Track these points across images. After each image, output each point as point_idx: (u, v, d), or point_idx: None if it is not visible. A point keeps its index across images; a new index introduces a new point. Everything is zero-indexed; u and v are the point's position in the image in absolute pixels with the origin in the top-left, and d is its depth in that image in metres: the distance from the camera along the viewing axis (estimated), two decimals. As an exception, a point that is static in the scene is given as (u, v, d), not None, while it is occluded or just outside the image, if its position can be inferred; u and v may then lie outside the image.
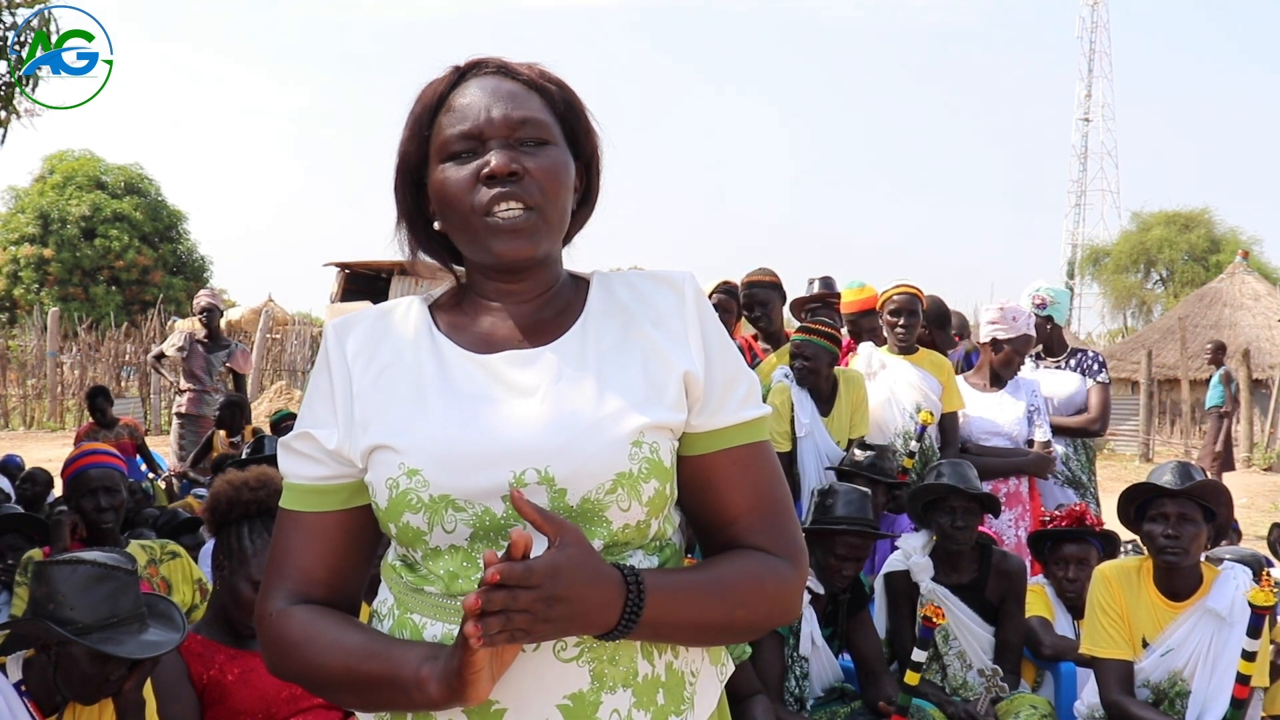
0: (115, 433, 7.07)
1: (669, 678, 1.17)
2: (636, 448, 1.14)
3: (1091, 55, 51.88)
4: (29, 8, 5.35)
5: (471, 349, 1.22)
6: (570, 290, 1.28)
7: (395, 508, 1.15)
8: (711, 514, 1.22)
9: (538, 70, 1.25)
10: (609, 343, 1.21)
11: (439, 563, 1.16)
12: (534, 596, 0.99)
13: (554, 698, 1.11)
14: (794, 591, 1.21)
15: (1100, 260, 37.63)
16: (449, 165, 1.20)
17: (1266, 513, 9.17)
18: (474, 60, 1.25)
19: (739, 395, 1.22)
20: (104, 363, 18.09)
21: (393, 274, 12.29)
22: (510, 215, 1.16)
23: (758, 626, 1.21)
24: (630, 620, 1.07)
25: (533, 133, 1.19)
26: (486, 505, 1.13)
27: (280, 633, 1.19)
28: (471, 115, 1.19)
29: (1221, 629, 2.90)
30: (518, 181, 1.17)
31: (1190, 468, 3.04)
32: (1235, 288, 18.77)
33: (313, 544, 1.23)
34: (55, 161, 26.67)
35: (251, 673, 2.47)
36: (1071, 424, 4.80)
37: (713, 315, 1.26)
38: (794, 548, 1.22)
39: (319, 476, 1.23)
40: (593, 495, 1.13)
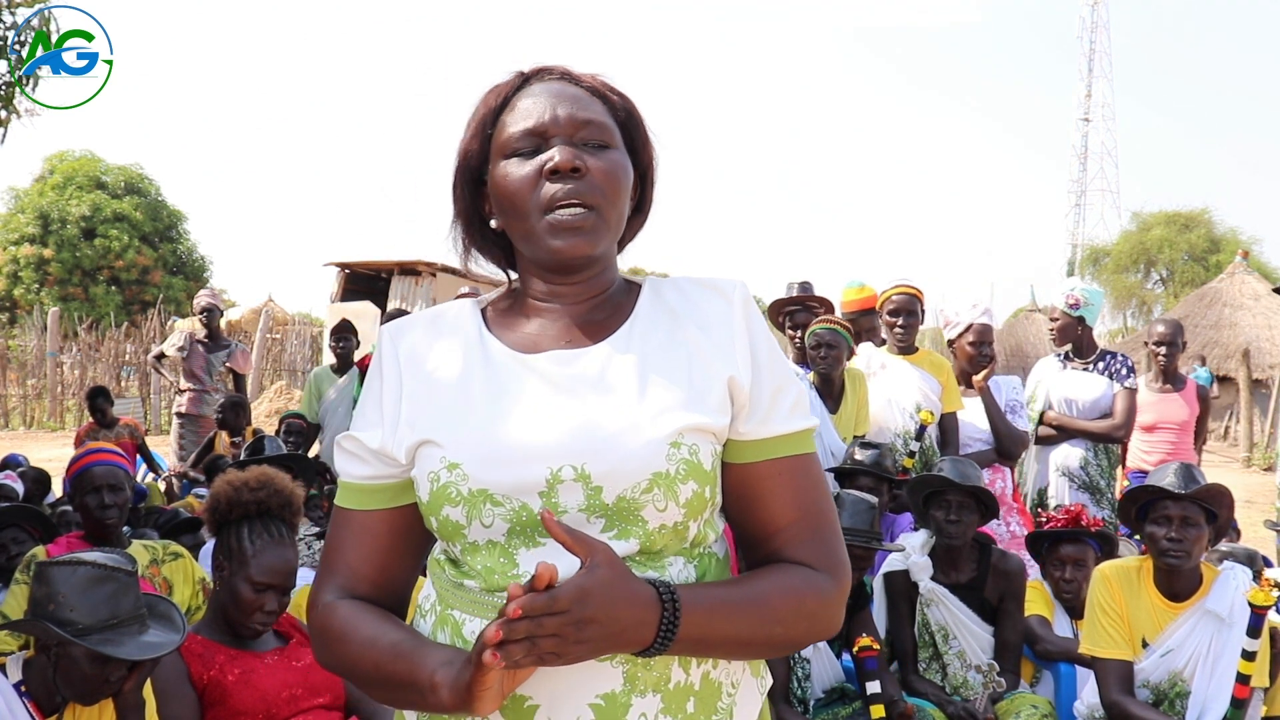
0: (115, 433, 7.06)
1: (703, 687, 1.17)
2: (675, 449, 1.14)
3: (1091, 55, 51.94)
4: (29, 8, 5.35)
5: (519, 349, 1.24)
6: (622, 295, 1.30)
7: (436, 501, 1.17)
8: (755, 524, 1.22)
9: (600, 80, 1.27)
10: (654, 344, 1.22)
11: (477, 558, 1.17)
12: (561, 621, 1.00)
13: (586, 696, 1.12)
14: (834, 607, 1.21)
15: (1100, 260, 37.61)
16: (511, 161, 1.21)
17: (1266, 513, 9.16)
18: (539, 67, 1.27)
19: (787, 405, 1.22)
20: (104, 363, 18.08)
21: (393, 274, 12.28)
22: (570, 214, 1.18)
23: (797, 642, 1.21)
24: (666, 638, 1.08)
25: (595, 135, 1.21)
26: (524, 501, 1.14)
27: (325, 626, 1.22)
28: (535, 114, 1.21)
29: (1221, 629, 2.90)
30: (579, 178, 1.18)
31: (1193, 470, 3.05)
32: (1235, 288, 18.75)
33: (361, 541, 1.25)
34: (55, 161, 26.65)
35: (251, 673, 2.47)
36: (1095, 428, 4.79)
37: (762, 324, 1.25)
38: (836, 562, 1.21)
39: (365, 475, 1.25)
40: (629, 494, 1.13)
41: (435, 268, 12.10)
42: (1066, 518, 3.66)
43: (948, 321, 4.57)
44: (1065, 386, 4.90)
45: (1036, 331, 20.38)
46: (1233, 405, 16.53)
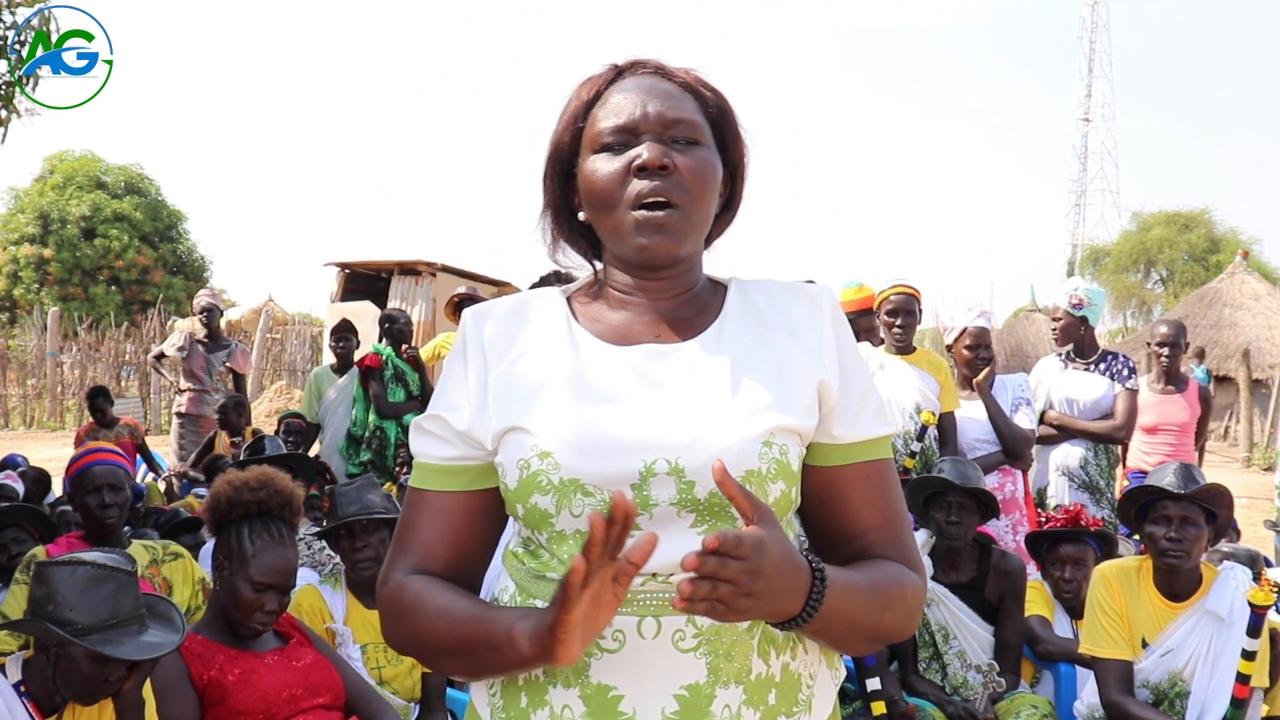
0: (115, 433, 7.07)
1: (783, 679, 1.18)
2: (767, 447, 1.15)
3: (1091, 55, 51.95)
4: (29, 7, 5.35)
5: (608, 340, 1.24)
6: (708, 293, 1.30)
7: (525, 488, 1.17)
8: (839, 525, 1.24)
9: (694, 75, 1.27)
10: (744, 345, 1.22)
11: (564, 547, 1.17)
12: (741, 568, 0.98)
13: (671, 687, 1.12)
14: (921, 603, 1.24)
15: (1100, 260, 37.60)
16: (601, 156, 1.21)
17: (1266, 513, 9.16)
18: (633, 60, 1.27)
19: (872, 410, 1.24)
20: (104, 363, 18.08)
21: (393, 274, 12.26)
22: (657, 213, 1.18)
23: (894, 633, 1.21)
24: (811, 610, 1.07)
25: (685, 132, 1.21)
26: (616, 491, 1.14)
27: (395, 601, 1.22)
28: (627, 110, 1.21)
29: (1221, 629, 2.90)
30: (667, 176, 1.18)
31: (1193, 470, 3.05)
32: (1235, 288, 18.74)
33: (437, 522, 1.25)
34: (55, 161, 26.63)
35: (251, 673, 2.47)
36: (1096, 429, 4.79)
37: (848, 331, 1.27)
38: (917, 562, 1.24)
39: (447, 457, 1.25)
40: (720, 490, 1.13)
41: (435, 267, 12.09)
42: (1066, 518, 3.67)
43: (946, 327, 4.58)
44: (1066, 386, 4.90)
45: (1036, 331, 20.38)
46: (1233, 405, 16.53)
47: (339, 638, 2.93)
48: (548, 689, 1.16)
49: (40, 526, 3.72)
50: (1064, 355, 5.06)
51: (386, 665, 3.01)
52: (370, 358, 6.29)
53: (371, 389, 6.19)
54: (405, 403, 6.28)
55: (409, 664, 3.05)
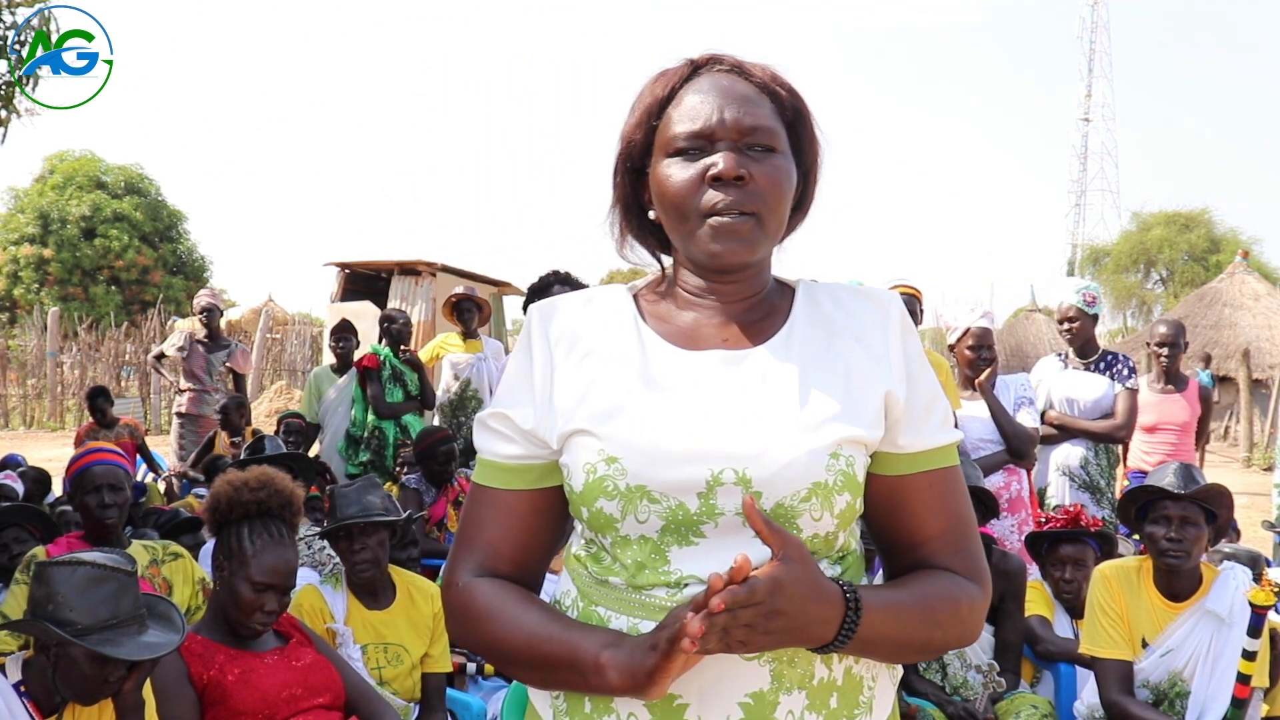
0: (115, 433, 7.07)
1: (845, 682, 1.18)
2: (834, 459, 1.15)
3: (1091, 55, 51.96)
4: (29, 7, 5.35)
5: (676, 343, 1.23)
6: (776, 295, 1.29)
7: (590, 493, 1.17)
8: (903, 533, 1.23)
9: (770, 73, 1.24)
10: (813, 352, 1.21)
11: (627, 552, 1.17)
12: (756, 612, 1.01)
13: (736, 695, 1.12)
14: (981, 615, 1.23)
15: (1100, 260, 37.59)
16: (675, 161, 1.20)
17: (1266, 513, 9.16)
18: (709, 55, 1.24)
19: (938, 418, 1.23)
20: (104, 363, 18.08)
21: (393, 274, 12.25)
22: (731, 219, 1.17)
23: (946, 647, 1.22)
24: (846, 636, 1.09)
25: (761, 140, 1.19)
26: (681, 500, 1.14)
27: (466, 604, 1.22)
28: (703, 115, 1.19)
29: (1221, 629, 2.90)
30: (742, 186, 1.17)
31: (1193, 470, 3.05)
32: (1235, 288, 18.73)
33: (502, 520, 1.25)
34: (55, 161, 26.62)
35: (251, 673, 2.47)
36: (1097, 428, 4.79)
37: (915, 337, 1.26)
38: (981, 572, 1.23)
39: (512, 455, 1.25)
40: (787, 502, 1.13)
41: (435, 267, 12.08)
42: (1066, 518, 3.66)
43: (948, 327, 4.57)
44: (1067, 386, 4.90)
45: (1036, 331, 20.38)
46: (1233, 405, 16.53)
47: (339, 638, 2.93)
48: (613, 697, 1.16)
49: (40, 526, 3.72)
50: (1064, 355, 5.06)
51: (386, 666, 3.01)
52: (368, 358, 6.29)
53: (369, 389, 6.19)
54: (403, 403, 6.28)
55: (409, 664, 3.05)
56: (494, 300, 11.99)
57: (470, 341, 6.76)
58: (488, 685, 3.57)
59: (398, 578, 3.17)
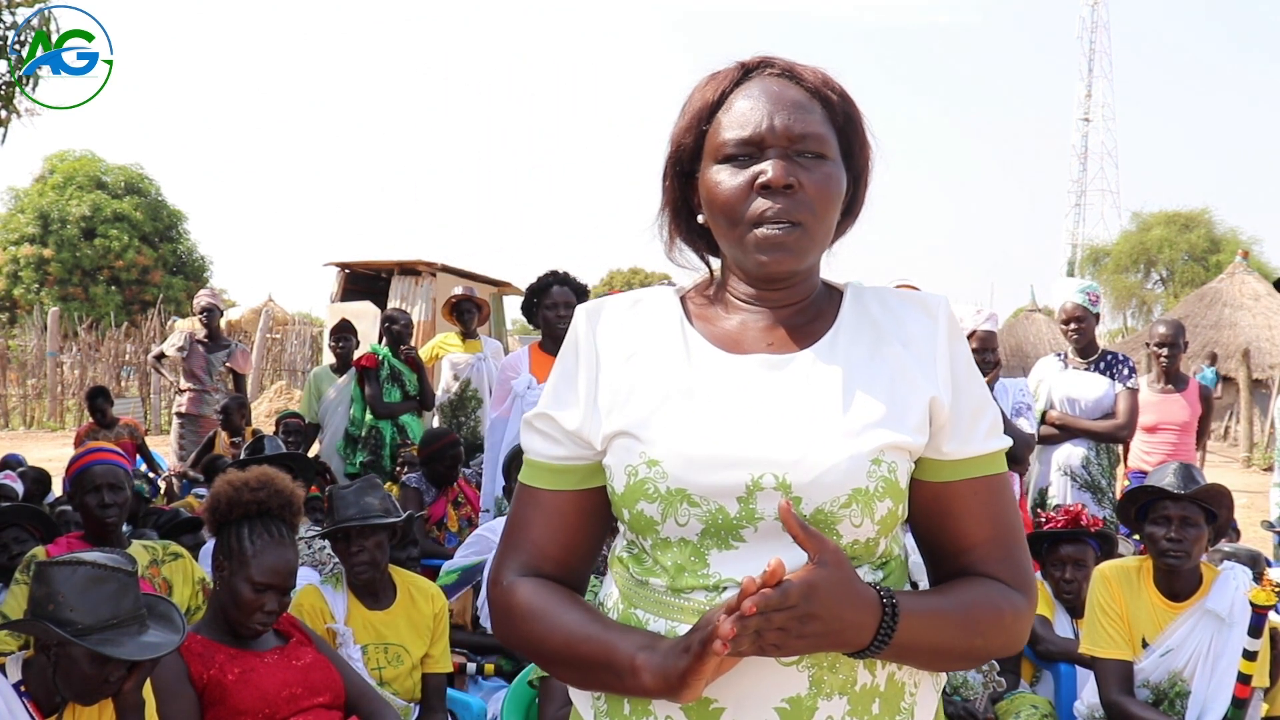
0: (115, 433, 7.07)
1: (888, 688, 1.17)
2: (876, 465, 1.14)
3: (1091, 55, 51.96)
4: (29, 7, 5.35)
5: (721, 346, 1.23)
6: (824, 299, 1.28)
7: (631, 495, 1.17)
8: (947, 541, 1.22)
9: (821, 77, 1.23)
10: (858, 357, 1.21)
11: (667, 554, 1.18)
12: (788, 616, 1.01)
13: (772, 700, 1.12)
14: (1026, 624, 1.21)
15: (1100, 260, 37.60)
16: (724, 167, 1.19)
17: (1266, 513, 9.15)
18: (760, 59, 1.23)
19: (985, 425, 1.22)
20: (104, 363, 18.08)
21: (393, 274, 12.24)
22: (779, 229, 1.16)
23: (988, 656, 1.21)
24: (882, 642, 1.08)
25: (812, 146, 1.18)
26: (721, 504, 1.14)
27: (509, 603, 1.23)
28: (753, 121, 1.18)
29: (1221, 629, 2.90)
30: (791, 195, 1.16)
31: (1193, 470, 3.05)
32: (1235, 288, 18.72)
33: (548, 520, 1.26)
34: (55, 161, 26.61)
35: (251, 673, 2.47)
36: (1098, 428, 4.79)
37: (964, 342, 1.25)
38: (1026, 581, 1.22)
39: (557, 456, 1.26)
40: (827, 507, 1.13)
41: (435, 267, 12.07)
42: (1066, 518, 3.66)
43: (962, 319, 4.53)
44: (1067, 386, 4.90)
45: (1036, 331, 20.37)
46: (1233, 405, 16.52)
47: (339, 638, 2.93)
48: (651, 700, 1.16)
49: (41, 526, 3.72)
50: (1063, 355, 5.06)
51: (386, 666, 3.01)
52: (366, 358, 6.29)
53: (367, 389, 6.20)
54: (401, 403, 6.28)
55: (409, 665, 3.05)
56: (494, 300, 11.99)
57: (470, 341, 6.76)
58: (488, 685, 3.57)
59: (398, 578, 3.17)
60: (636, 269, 41.98)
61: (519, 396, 4.67)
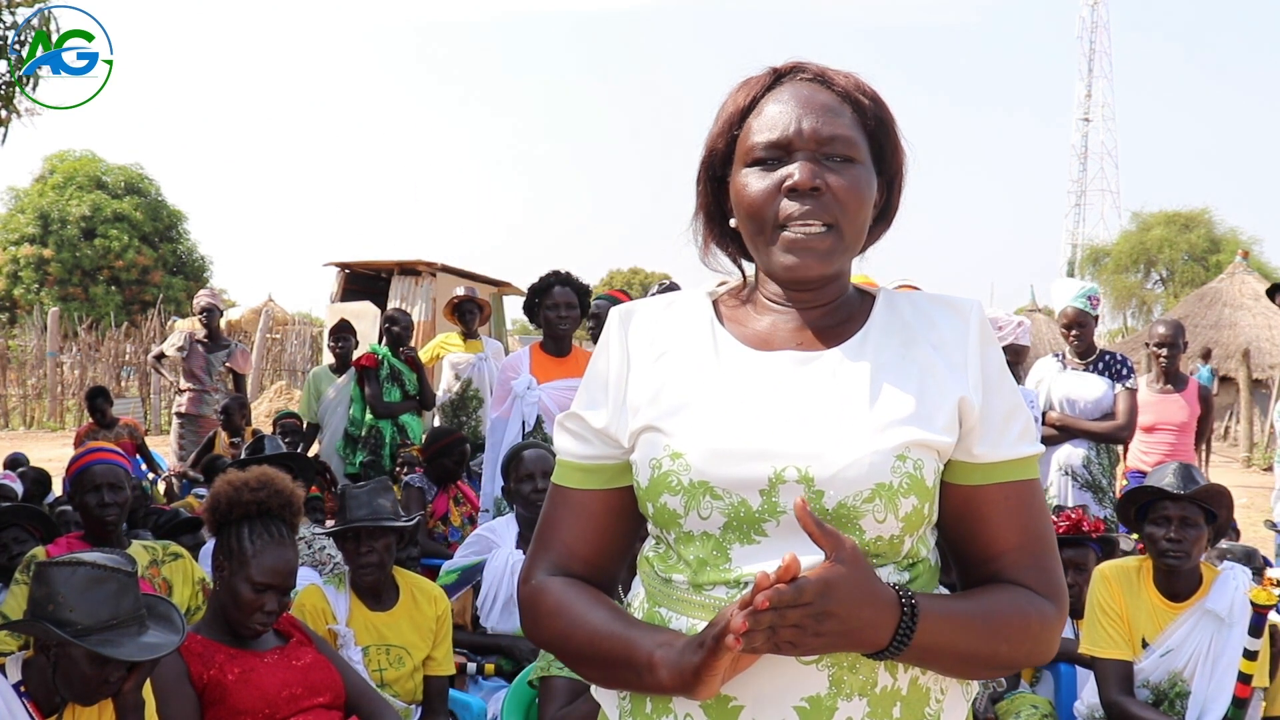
0: (115, 433, 7.07)
1: (910, 692, 1.16)
2: (901, 461, 1.13)
3: (1091, 55, 51.94)
4: (29, 7, 5.34)
5: (751, 345, 1.24)
6: (856, 303, 1.28)
7: (655, 488, 1.18)
8: (977, 546, 1.21)
9: (853, 81, 1.23)
10: (888, 357, 1.21)
11: (690, 548, 1.18)
12: (804, 613, 1.00)
13: (791, 699, 1.12)
14: (1055, 633, 1.20)
15: (1100, 260, 37.59)
16: (753, 170, 1.20)
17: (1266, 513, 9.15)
18: (792, 64, 1.24)
19: (1017, 430, 1.20)
20: (104, 363, 18.08)
21: (393, 274, 12.24)
22: (807, 232, 1.16)
23: (1015, 664, 1.20)
24: (901, 643, 1.07)
25: (840, 149, 1.18)
26: (743, 497, 1.14)
27: (537, 601, 1.25)
28: (781, 124, 1.18)
29: (1221, 629, 2.90)
30: (818, 197, 1.16)
31: (1192, 470, 3.05)
32: (1235, 288, 18.73)
33: (577, 520, 1.27)
34: (55, 161, 26.62)
35: (251, 672, 2.47)
36: (1099, 429, 4.79)
37: (996, 346, 1.24)
38: (1057, 588, 1.21)
39: (586, 455, 1.27)
40: (850, 501, 1.12)
41: (435, 267, 12.07)
42: (1068, 524, 3.66)
43: (1000, 328, 4.47)
44: (1066, 387, 4.90)
45: (1036, 331, 20.39)
46: (1233, 405, 16.53)
47: (341, 639, 2.93)
48: (671, 697, 1.16)
49: (41, 526, 3.72)
50: (1061, 355, 5.06)
51: (388, 667, 3.01)
52: (366, 357, 6.29)
53: (367, 389, 6.20)
54: (400, 403, 6.29)
55: (410, 667, 3.05)
56: (494, 300, 11.99)
57: (471, 342, 6.77)
58: (488, 685, 3.57)
59: (401, 579, 3.16)
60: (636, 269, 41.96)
61: (519, 397, 4.67)
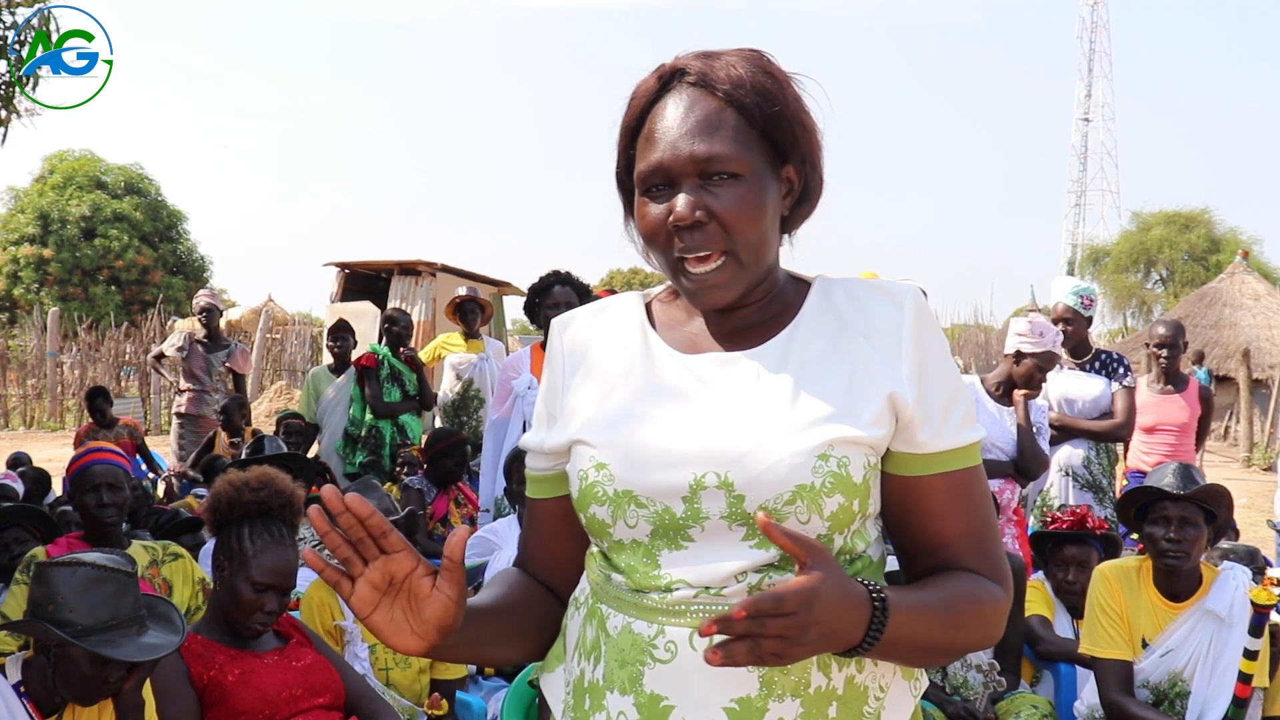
0: (115, 433, 7.06)
1: (847, 691, 1.15)
2: (823, 461, 1.11)
3: (1091, 55, 51.91)
4: (29, 7, 5.35)
5: (679, 348, 1.24)
6: (790, 293, 1.26)
7: (584, 499, 1.20)
8: (921, 536, 1.20)
9: (737, 76, 1.16)
10: (815, 351, 1.19)
11: (623, 556, 1.19)
12: (787, 624, 0.99)
13: (721, 700, 1.11)
14: (1003, 616, 1.21)
15: (1100, 260, 37.57)
16: (645, 199, 1.18)
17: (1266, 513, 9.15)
18: (676, 66, 1.19)
19: (957, 418, 1.18)
20: (104, 363, 18.08)
21: (393, 274, 12.24)
22: (702, 270, 1.15)
23: (969, 649, 1.20)
24: (873, 638, 1.07)
25: (719, 167, 1.14)
26: (667, 504, 1.14)
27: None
28: (659, 151, 1.15)
29: (1221, 629, 2.90)
30: (703, 229, 1.14)
31: (1192, 470, 3.05)
32: (1235, 288, 18.72)
33: (534, 526, 1.35)
34: (55, 161, 26.62)
35: (252, 673, 2.47)
36: (1098, 428, 4.79)
37: (934, 333, 1.20)
38: (1002, 572, 1.21)
39: (538, 466, 1.32)
40: (771, 504, 1.11)
41: (435, 267, 12.07)
42: (1072, 519, 3.66)
43: (1041, 334, 4.42)
44: (1064, 387, 4.90)
45: (1036, 331, 20.35)
46: (1233, 405, 16.52)
47: (347, 635, 2.93)
48: (605, 694, 1.16)
49: (41, 526, 3.72)
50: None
51: (394, 667, 3.01)
52: (366, 357, 6.30)
53: (367, 389, 6.20)
54: (401, 403, 6.29)
55: (417, 667, 3.05)
56: (494, 300, 11.99)
57: (472, 342, 6.77)
58: (488, 685, 3.57)
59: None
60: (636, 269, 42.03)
61: (519, 397, 4.68)
